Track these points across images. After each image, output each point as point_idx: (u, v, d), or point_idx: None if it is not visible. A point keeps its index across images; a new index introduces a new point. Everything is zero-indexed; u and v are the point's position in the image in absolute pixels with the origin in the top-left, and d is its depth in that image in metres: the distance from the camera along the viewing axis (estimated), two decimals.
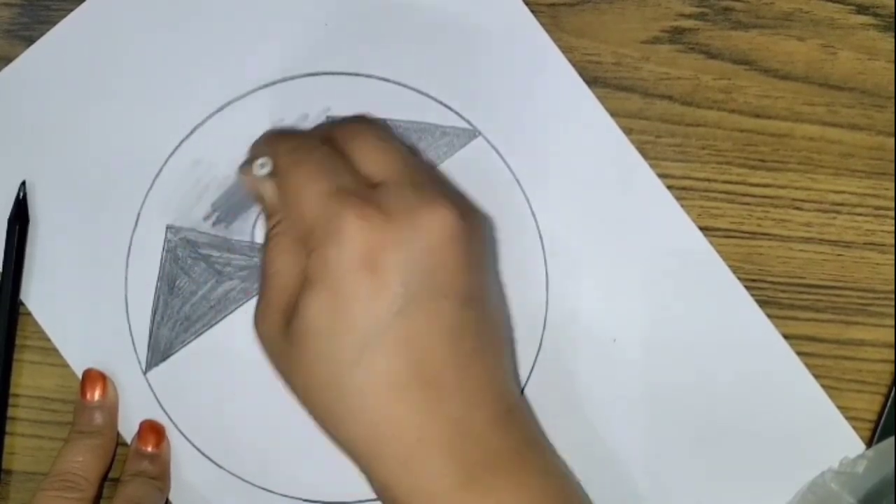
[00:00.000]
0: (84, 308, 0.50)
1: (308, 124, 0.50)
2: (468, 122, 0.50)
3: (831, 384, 0.49)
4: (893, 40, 0.49)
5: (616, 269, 0.49)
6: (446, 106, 0.50)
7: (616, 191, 0.49)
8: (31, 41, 0.51)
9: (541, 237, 0.50)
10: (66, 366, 0.50)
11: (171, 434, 0.50)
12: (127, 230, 0.50)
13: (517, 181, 0.50)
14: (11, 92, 0.50)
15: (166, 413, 0.50)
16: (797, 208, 0.50)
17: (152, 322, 0.50)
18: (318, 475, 0.49)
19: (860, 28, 0.50)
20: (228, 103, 0.50)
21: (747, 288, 0.49)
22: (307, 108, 0.50)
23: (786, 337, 0.49)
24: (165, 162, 0.50)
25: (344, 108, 0.50)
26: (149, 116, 0.50)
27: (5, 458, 0.50)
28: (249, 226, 0.50)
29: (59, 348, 0.50)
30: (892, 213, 0.49)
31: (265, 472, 0.50)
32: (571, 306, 0.49)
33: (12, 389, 0.50)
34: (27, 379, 0.51)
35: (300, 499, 0.50)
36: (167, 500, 0.50)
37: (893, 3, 0.49)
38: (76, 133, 0.50)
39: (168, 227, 0.50)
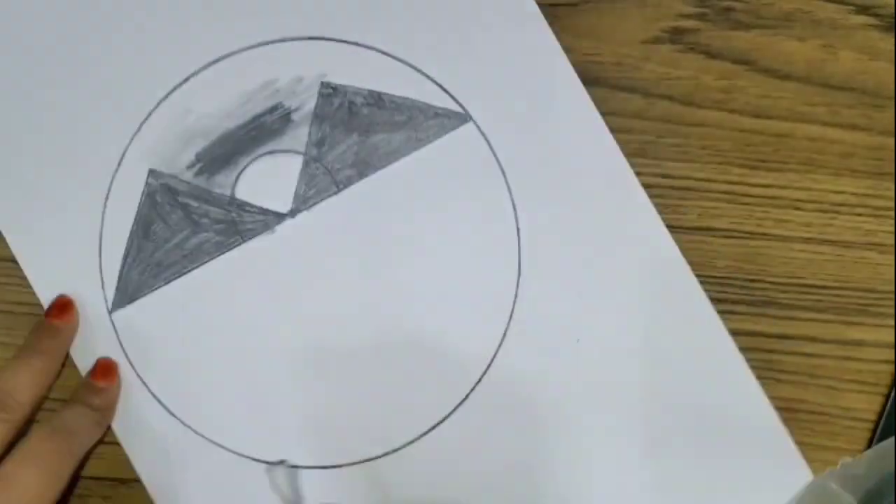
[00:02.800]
0: (58, 238, 0.50)
1: (302, 87, 0.50)
2: (462, 106, 0.50)
3: (831, 384, 0.48)
4: (893, 40, 0.49)
5: (588, 269, 0.49)
6: (442, 87, 0.50)
7: (597, 193, 0.49)
8: None
9: (518, 230, 0.49)
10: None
11: (128, 376, 0.50)
12: (110, 168, 0.50)
13: (502, 171, 0.49)
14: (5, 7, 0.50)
15: (126, 355, 0.50)
16: (797, 208, 0.49)
17: (123, 263, 0.50)
18: (273, 436, 0.49)
19: (860, 28, 0.50)
20: (225, 56, 0.50)
21: (748, 288, 0.49)
22: (303, 71, 0.50)
23: (786, 337, 0.49)
24: (156, 106, 0.50)
25: (340, 76, 0.50)
26: (144, 57, 0.50)
27: None
28: (231, 180, 0.50)
29: (27, 272, 0.50)
30: (892, 213, 0.49)
31: (219, 428, 0.49)
32: (540, 302, 0.49)
33: None
34: None
35: (252, 458, 0.49)
36: (125, 456, 0.49)
37: (893, 3, 0.50)
38: (71, 61, 0.50)
39: (150, 171, 0.50)
